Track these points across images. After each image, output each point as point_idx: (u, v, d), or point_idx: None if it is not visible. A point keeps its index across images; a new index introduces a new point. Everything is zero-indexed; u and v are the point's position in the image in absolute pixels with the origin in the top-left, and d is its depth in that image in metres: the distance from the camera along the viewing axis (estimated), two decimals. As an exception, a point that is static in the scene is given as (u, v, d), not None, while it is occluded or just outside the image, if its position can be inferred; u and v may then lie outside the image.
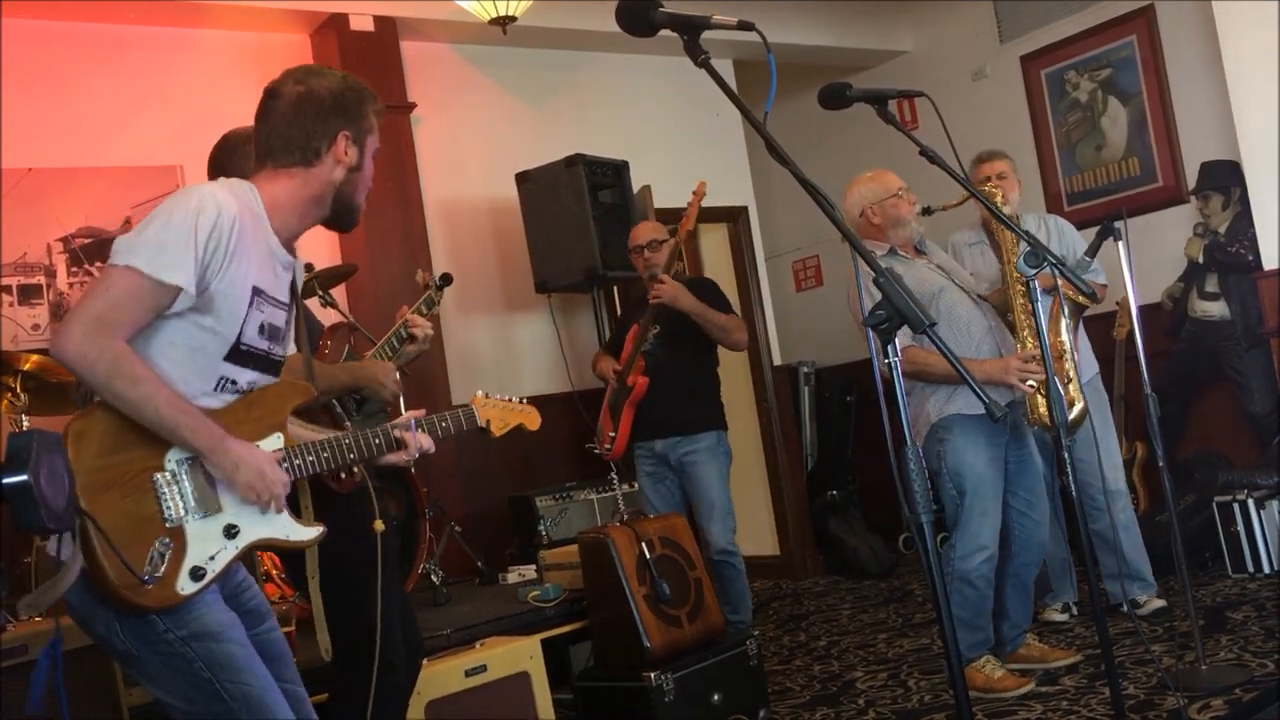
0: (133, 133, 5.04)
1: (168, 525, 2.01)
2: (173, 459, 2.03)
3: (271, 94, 2.22)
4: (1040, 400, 3.79)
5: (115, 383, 1.94)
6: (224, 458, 2.04)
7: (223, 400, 2.11)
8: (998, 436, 3.92)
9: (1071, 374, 3.97)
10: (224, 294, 2.04)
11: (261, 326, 2.14)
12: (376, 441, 2.31)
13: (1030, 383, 3.77)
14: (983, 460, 3.87)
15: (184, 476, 2.04)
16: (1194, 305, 5.87)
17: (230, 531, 2.07)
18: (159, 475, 2.02)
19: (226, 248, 2.02)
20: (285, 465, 2.14)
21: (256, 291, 2.11)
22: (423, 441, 2.38)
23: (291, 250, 2.24)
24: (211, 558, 2.04)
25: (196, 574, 2.02)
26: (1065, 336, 4.02)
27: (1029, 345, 3.82)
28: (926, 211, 3.92)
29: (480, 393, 2.70)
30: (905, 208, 4.00)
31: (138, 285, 1.96)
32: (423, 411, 2.45)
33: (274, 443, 2.16)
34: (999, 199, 4.04)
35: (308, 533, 2.20)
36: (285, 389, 2.23)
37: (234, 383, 2.12)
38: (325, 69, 2.28)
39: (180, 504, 2.03)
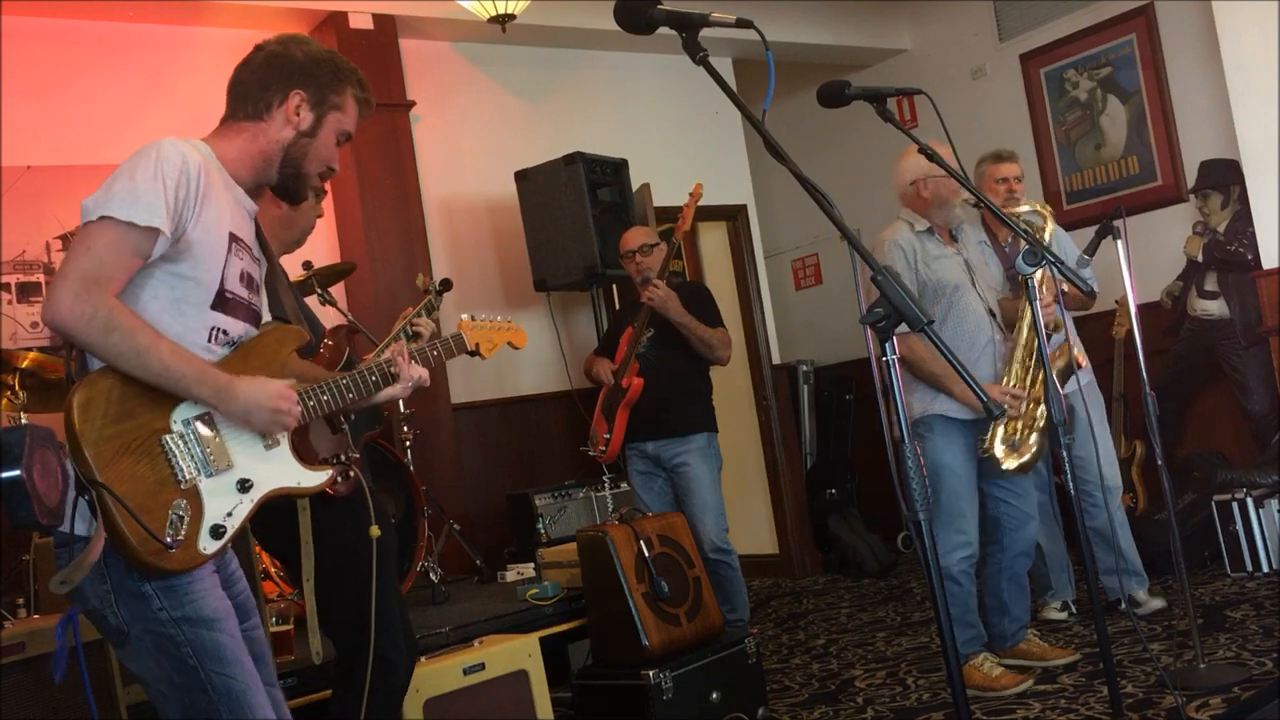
0: (131, 130, 5.03)
1: (182, 487, 1.99)
2: (179, 419, 2.01)
3: (255, 49, 2.24)
4: (999, 432, 3.85)
5: (112, 336, 1.91)
6: (233, 403, 2.02)
7: (217, 354, 2.09)
8: (973, 438, 3.95)
9: (1040, 425, 3.89)
10: (201, 240, 2.03)
11: (242, 275, 2.14)
12: (373, 378, 2.31)
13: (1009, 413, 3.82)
14: (959, 461, 3.92)
15: (192, 436, 2.02)
16: (1193, 304, 5.87)
17: (244, 486, 2.07)
18: (167, 437, 1.99)
19: (196, 191, 2.02)
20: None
21: (233, 238, 2.11)
22: (417, 372, 2.39)
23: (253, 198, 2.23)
24: (229, 514, 2.04)
25: (217, 532, 2.01)
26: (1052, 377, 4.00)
27: (1015, 375, 3.83)
28: (976, 204, 3.90)
29: (466, 316, 2.71)
30: (955, 191, 3.96)
31: (117, 235, 1.94)
32: (403, 344, 2.46)
33: None
34: (1025, 205, 4.03)
35: (317, 477, 2.20)
36: (279, 334, 2.23)
37: (225, 333, 2.11)
38: (315, 42, 2.26)
39: (191, 464, 2.01)
